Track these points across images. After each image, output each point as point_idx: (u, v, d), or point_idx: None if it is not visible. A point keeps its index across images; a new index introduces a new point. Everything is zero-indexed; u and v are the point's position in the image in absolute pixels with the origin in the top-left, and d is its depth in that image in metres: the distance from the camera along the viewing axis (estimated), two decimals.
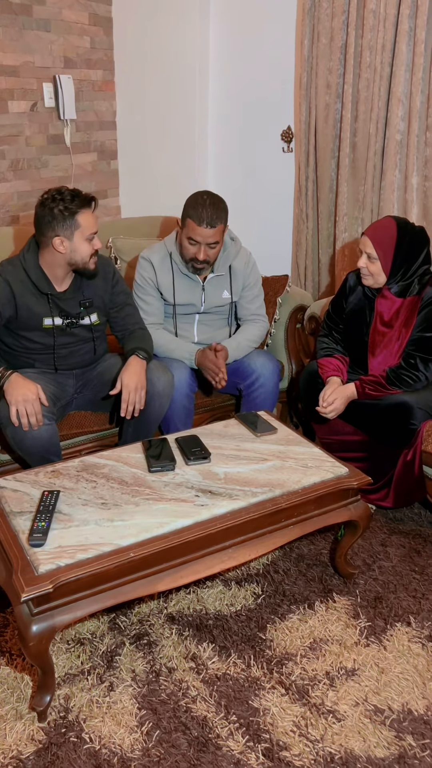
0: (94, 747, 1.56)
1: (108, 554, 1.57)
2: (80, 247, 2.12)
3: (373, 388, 2.27)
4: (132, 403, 2.16)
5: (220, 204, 2.34)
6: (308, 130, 3.08)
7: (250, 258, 2.60)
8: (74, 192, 2.10)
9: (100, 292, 2.31)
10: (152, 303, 2.54)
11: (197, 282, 2.51)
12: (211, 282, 2.53)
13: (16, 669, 1.77)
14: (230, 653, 1.83)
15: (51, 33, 3.10)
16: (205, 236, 2.32)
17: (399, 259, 2.25)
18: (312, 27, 2.92)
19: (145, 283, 2.52)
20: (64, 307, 2.23)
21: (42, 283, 2.17)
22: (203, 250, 2.36)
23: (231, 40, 3.23)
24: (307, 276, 3.31)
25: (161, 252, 2.51)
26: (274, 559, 2.22)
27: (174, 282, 2.50)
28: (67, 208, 2.06)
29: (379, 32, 2.71)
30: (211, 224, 2.30)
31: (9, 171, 3.08)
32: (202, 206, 2.30)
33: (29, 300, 2.17)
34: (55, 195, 2.08)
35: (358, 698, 1.70)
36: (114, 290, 2.36)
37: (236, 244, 2.57)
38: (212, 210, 2.30)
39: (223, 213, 2.34)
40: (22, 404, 2.00)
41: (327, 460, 2.00)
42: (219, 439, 2.10)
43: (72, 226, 2.08)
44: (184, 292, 2.52)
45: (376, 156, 2.87)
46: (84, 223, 2.09)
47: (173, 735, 1.60)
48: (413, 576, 2.14)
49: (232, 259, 2.54)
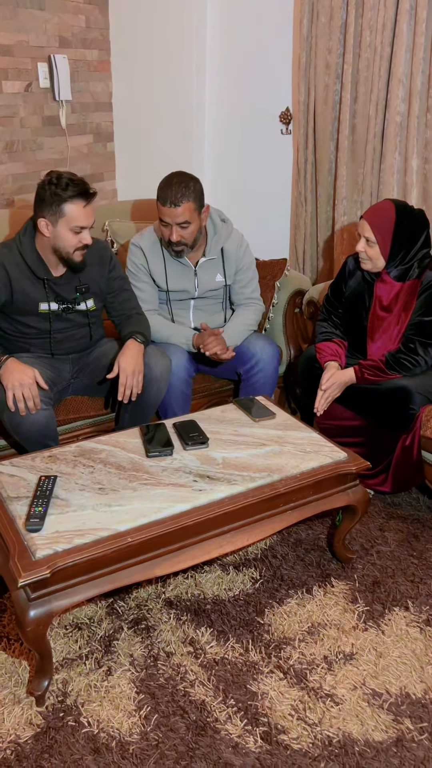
0: (93, 731, 1.56)
1: (105, 539, 1.57)
2: (63, 236, 2.07)
3: (372, 373, 2.26)
4: (129, 387, 2.15)
5: (187, 183, 2.28)
6: (307, 111, 3.03)
7: (243, 240, 2.56)
8: (74, 180, 2.04)
9: (97, 277, 2.28)
10: (146, 289, 2.51)
11: (189, 267, 2.48)
12: (203, 266, 2.50)
13: (14, 654, 1.77)
14: (228, 638, 1.83)
15: (46, 12, 3.05)
16: (173, 216, 2.28)
17: (398, 243, 2.23)
18: (311, 5, 2.87)
19: (138, 269, 2.49)
20: (59, 292, 2.20)
21: (38, 267, 2.14)
22: (175, 231, 2.32)
23: (228, 20, 3.17)
24: (306, 260, 3.29)
25: (151, 238, 2.48)
26: (272, 544, 2.22)
27: (166, 268, 2.47)
28: (57, 194, 2.01)
29: (380, 11, 2.66)
30: (175, 203, 2.26)
31: (3, 153, 3.04)
32: (168, 186, 2.27)
33: (25, 284, 2.15)
34: (54, 178, 2.04)
35: (356, 682, 1.70)
36: (111, 275, 2.33)
37: (227, 226, 2.53)
38: (177, 189, 2.25)
39: (190, 192, 2.28)
40: (19, 389, 1.98)
41: (325, 445, 1.99)
42: (217, 424, 2.09)
43: (57, 213, 2.04)
44: (177, 278, 2.49)
45: (376, 138, 2.83)
46: (70, 214, 2.04)
47: (171, 719, 1.60)
48: (411, 561, 2.14)
49: (224, 241, 2.50)
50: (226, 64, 3.24)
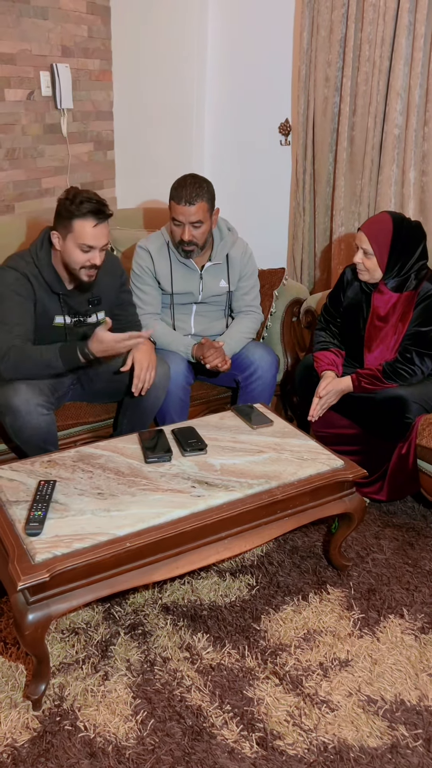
0: (89, 735, 1.57)
1: (104, 544, 1.58)
2: (71, 252, 2.08)
3: (369, 382, 2.28)
4: (143, 381, 2.17)
5: (201, 183, 2.34)
6: (306, 123, 3.07)
7: (247, 248, 2.61)
8: (89, 198, 2.03)
9: (109, 289, 2.31)
10: (149, 292, 2.53)
11: (195, 270, 2.51)
12: (208, 270, 2.53)
13: (11, 658, 1.77)
14: (225, 643, 1.84)
15: (48, 21, 3.07)
16: (187, 214, 2.32)
17: (395, 255, 2.26)
18: (311, 19, 2.91)
19: (143, 272, 2.52)
20: (72, 305, 2.22)
21: (54, 282, 2.16)
22: (187, 230, 2.36)
23: (229, 32, 3.21)
24: (303, 269, 3.31)
25: (158, 241, 2.51)
26: (268, 550, 2.23)
27: (172, 270, 2.50)
28: (69, 210, 2.03)
29: (379, 26, 2.70)
30: (190, 201, 2.30)
31: (5, 160, 3.05)
32: (182, 186, 2.32)
33: (43, 296, 2.16)
34: (71, 194, 2.04)
35: (351, 689, 1.71)
36: (122, 289, 2.38)
37: (233, 234, 2.57)
38: (192, 188, 2.31)
39: (204, 192, 2.33)
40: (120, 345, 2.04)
41: (322, 452, 2.01)
42: (215, 431, 2.11)
43: (68, 227, 2.05)
44: (182, 281, 2.52)
45: (374, 150, 2.87)
46: (78, 231, 2.04)
47: (168, 724, 1.60)
48: (406, 569, 2.15)
49: (229, 248, 2.54)
50: (227, 74, 3.28)
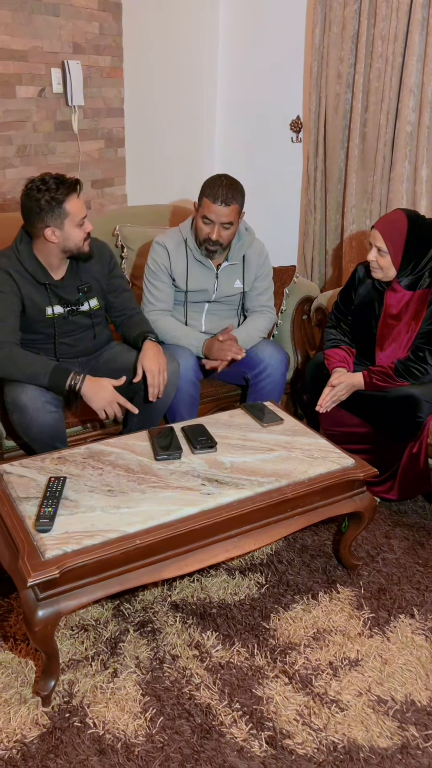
0: (98, 732, 1.57)
1: (114, 541, 1.57)
2: (72, 234, 2.10)
3: (380, 379, 2.27)
4: (157, 386, 2.19)
5: (236, 185, 2.34)
6: (318, 120, 3.06)
7: (264, 249, 2.60)
8: (58, 179, 2.06)
9: (97, 275, 2.30)
10: (163, 289, 2.53)
11: (211, 269, 2.51)
12: (225, 270, 2.53)
13: (21, 654, 1.77)
14: (234, 642, 1.84)
15: (60, 18, 3.07)
16: (220, 215, 2.32)
17: (409, 253, 2.24)
18: (323, 15, 2.90)
19: (158, 268, 2.51)
20: (62, 295, 2.22)
21: (39, 273, 2.16)
22: (217, 230, 2.36)
23: (241, 28, 3.20)
24: (314, 267, 3.30)
25: (176, 238, 2.51)
26: (277, 549, 2.22)
27: (188, 268, 2.49)
28: (54, 198, 2.02)
29: (392, 22, 2.69)
30: (226, 202, 2.30)
31: (16, 157, 3.06)
32: (218, 185, 2.32)
33: (30, 290, 2.16)
34: (40, 185, 2.03)
35: (361, 688, 1.70)
36: (112, 273, 2.36)
37: (250, 234, 2.57)
38: (228, 189, 2.31)
39: (239, 195, 2.34)
40: (109, 408, 2.11)
41: (333, 451, 2.00)
42: (225, 429, 2.10)
43: (61, 215, 2.05)
44: (198, 279, 2.51)
45: (386, 147, 2.85)
46: (72, 210, 2.06)
47: (177, 721, 1.60)
48: (417, 568, 2.14)
49: (246, 248, 2.53)
50: (238, 71, 3.27)
